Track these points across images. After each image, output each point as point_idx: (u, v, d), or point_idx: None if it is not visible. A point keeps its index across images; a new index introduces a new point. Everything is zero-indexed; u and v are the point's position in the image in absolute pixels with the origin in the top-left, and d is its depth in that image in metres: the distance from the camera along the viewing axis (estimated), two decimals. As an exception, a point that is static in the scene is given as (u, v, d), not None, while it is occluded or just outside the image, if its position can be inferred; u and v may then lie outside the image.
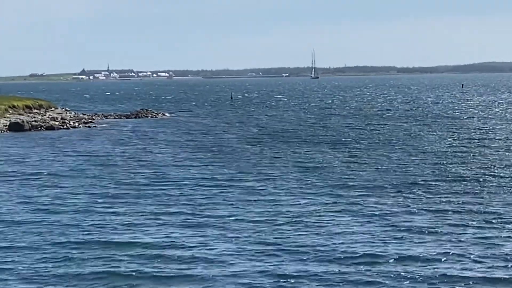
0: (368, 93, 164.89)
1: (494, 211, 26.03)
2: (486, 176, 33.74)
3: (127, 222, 24.91)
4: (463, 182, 32.13)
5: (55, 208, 27.75)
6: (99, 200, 29.11)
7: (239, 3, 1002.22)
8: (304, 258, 20.25)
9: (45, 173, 36.99)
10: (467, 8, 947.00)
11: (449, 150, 44.51)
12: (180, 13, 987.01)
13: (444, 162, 38.87)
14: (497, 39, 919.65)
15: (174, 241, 22.22)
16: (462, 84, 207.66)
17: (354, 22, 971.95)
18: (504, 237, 22.36)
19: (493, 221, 24.47)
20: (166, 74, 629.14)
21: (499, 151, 43.58)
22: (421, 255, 20.35)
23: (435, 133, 56.27)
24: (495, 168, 36.48)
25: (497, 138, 51.94)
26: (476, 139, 51.38)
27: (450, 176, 34.04)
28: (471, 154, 42.10)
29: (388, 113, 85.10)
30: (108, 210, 27.19)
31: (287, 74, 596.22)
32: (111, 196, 30.14)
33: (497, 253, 20.58)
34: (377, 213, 25.83)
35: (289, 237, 22.57)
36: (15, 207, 28.07)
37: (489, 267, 19.29)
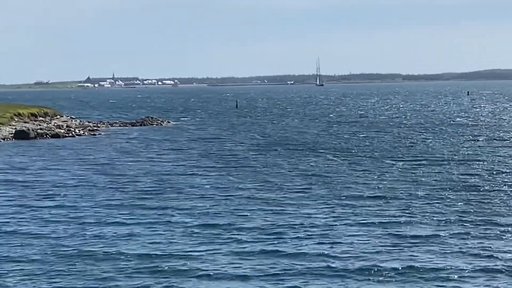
0: (374, 100, 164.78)
1: (501, 221, 25.79)
2: (493, 185, 33.51)
3: (130, 232, 24.73)
4: (469, 191, 31.88)
5: (59, 217, 27.62)
6: (103, 209, 28.99)
7: (244, 10, 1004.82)
8: (308, 267, 20.07)
9: (49, 182, 36.91)
10: (471, 15, 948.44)
11: (455, 158, 44.28)
12: (184, 21, 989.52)
13: (450, 170, 38.65)
14: (502, 46, 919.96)
15: (177, 252, 22.04)
16: (468, 92, 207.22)
17: (359, 30, 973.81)
18: (510, 245, 22.14)
19: (499, 231, 24.25)
20: (172, 82, 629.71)
21: (506, 159, 43.33)
22: (426, 265, 20.16)
23: (441, 141, 56.04)
24: (502, 176, 36.22)
25: (504, 146, 51.69)
26: (483, 146, 51.16)
27: (456, 184, 33.80)
28: (478, 163, 41.84)
29: (395, 120, 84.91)
30: (112, 219, 27.05)
31: (292, 82, 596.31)
32: (115, 205, 30.00)
33: (502, 263, 20.35)
34: (382, 222, 25.62)
35: (293, 246, 22.40)
36: (17, 216, 27.95)
37: (494, 277, 19.12)
